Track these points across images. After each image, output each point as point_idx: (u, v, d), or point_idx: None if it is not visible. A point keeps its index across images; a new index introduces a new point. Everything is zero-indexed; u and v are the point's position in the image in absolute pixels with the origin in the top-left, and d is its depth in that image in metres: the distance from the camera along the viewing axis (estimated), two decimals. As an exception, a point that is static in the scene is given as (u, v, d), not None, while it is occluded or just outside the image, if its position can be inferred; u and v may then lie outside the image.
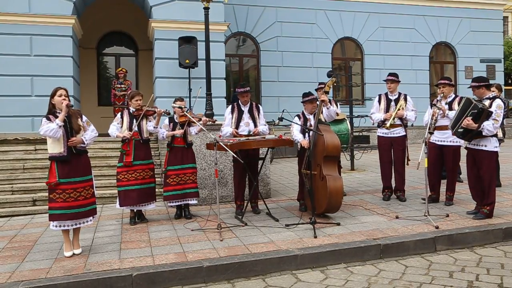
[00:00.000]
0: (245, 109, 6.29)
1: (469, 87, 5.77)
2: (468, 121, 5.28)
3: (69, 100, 4.73)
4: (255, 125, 6.24)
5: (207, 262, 4.34)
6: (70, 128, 4.65)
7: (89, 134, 4.82)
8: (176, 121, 6.21)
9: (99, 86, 14.15)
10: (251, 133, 6.18)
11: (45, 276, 4.13)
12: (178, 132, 6.12)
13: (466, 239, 5.02)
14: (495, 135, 5.47)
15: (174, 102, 6.17)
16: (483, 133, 5.32)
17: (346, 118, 7.17)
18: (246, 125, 6.22)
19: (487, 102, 5.39)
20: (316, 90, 6.82)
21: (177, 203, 6.19)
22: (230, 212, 6.42)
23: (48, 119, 4.61)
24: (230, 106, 6.38)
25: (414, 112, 6.73)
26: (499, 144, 5.63)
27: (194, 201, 6.24)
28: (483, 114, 5.25)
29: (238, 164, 6.08)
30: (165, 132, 6.21)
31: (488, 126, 5.27)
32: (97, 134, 4.96)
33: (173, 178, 6.10)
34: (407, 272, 4.33)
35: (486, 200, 5.54)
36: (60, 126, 4.53)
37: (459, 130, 5.43)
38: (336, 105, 7.43)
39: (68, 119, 4.66)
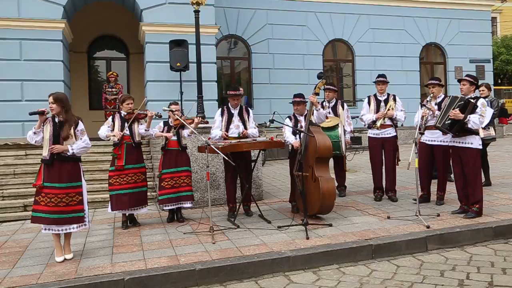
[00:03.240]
0: (235, 111, 6.30)
1: (459, 80, 5.82)
2: (455, 112, 5.40)
3: (62, 106, 4.69)
4: (245, 128, 6.25)
5: (200, 265, 4.34)
6: (58, 135, 4.65)
7: (78, 143, 4.72)
8: (171, 124, 6.21)
9: (90, 90, 14.08)
10: (240, 135, 6.19)
11: (36, 282, 4.11)
12: (168, 134, 6.10)
13: (457, 238, 5.06)
14: (478, 134, 5.58)
15: (169, 106, 6.17)
16: (469, 125, 5.41)
17: (339, 125, 7.03)
18: (236, 128, 6.23)
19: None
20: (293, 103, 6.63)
21: (172, 207, 6.18)
22: (222, 215, 6.42)
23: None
24: (220, 109, 6.40)
25: (403, 112, 6.81)
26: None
27: (188, 205, 6.22)
28: (469, 106, 5.39)
29: (229, 166, 6.08)
30: (156, 131, 6.19)
31: (473, 118, 5.39)
32: (89, 146, 4.83)
33: (167, 181, 6.09)
34: (399, 271, 4.36)
35: (473, 198, 5.59)
36: (35, 133, 4.63)
37: (447, 122, 5.52)
38: (342, 106, 7.42)
39: (60, 125, 4.66)
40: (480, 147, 5.61)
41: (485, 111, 5.46)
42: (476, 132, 5.54)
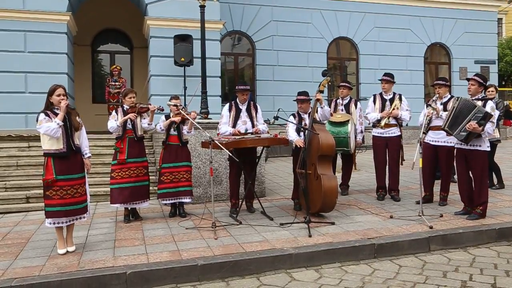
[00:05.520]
0: (243, 107, 6.28)
1: (468, 79, 5.74)
2: (474, 125, 5.25)
3: (67, 99, 4.73)
4: (252, 124, 6.23)
5: (202, 261, 4.34)
6: (70, 126, 4.66)
7: (85, 144, 4.87)
8: (172, 118, 6.20)
9: (93, 84, 14.10)
10: (249, 131, 6.17)
11: (38, 274, 4.11)
12: (175, 118, 6.06)
13: (459, 239, 5.05)
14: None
15: (170, 100, 6.16)
16: (483, 136, 5.39)
17: (349, 121, 6.94)
18: (244, 124, 6.20)
19: (479, 103, 5.44)
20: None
21: (170, 201, 6.19)
22: (225, 211, 6.41)
23: (47, 115, 4.60)
24: (227, 104, 6.36)
25: (409, 112, 6.76)
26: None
27: (187, 200, 6.22)
28: (487, 118, 5.28)
29: (233, 162, 6.07)
30: (161, 123, 6.17)
31: (488, 129, 5.36)
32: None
33: (167, 176, 6.09)
34: (401, 271, 4.35)
35: (478, 200, 5.56)
36: (60, 126, 4.55)
37: (462, 133, 5.38)
38: (356, 105, 7.40)
39: (68, 117, 4.66)
40: (488, 149, 5.57)
41: (494, 116, 5.42)
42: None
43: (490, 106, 5.42)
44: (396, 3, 15.63)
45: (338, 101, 7.51)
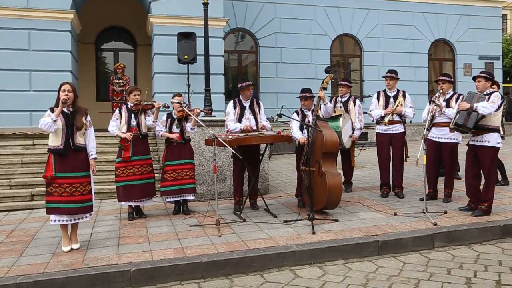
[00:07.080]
0: (247, 104, 6.28)
1: (474, 77, 5.71)
2: (462, 103, 5.32)
3: (76, 96, 4.71)
4: (256, 121, 6.23)
5: (206, 258, 4.35)
6: (72, 124, 4.64)
7: (92, 145, 4.82)
8: (174, 116, 6.21)
9: (97, 81, 14.12)
10: (254, 128, 6.16)
11: (43, 271, 4.13)
12: (174, 136, 6.12)
13: (464, 236, 5.03)
14: (497, 131, 5.47)
15: (172, 98, 6.16)
16: (480, 111, 5.25)
17: (341, 116, 6.99)
18: (247, 120, 6.20)
19: (486, 97, 5.42)
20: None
21: (174, 199, 6.21)
22: (229, 208, 6.42)
23: (52, 110, 4.62)
24: (232, 101, 6.35)
25: (412, 109, 6.75)
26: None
27: (191, 197, 6.24)
28: (474, 96, 5.30)
29: (238, 160, 6.07)
30: (161, 131, 6.21)
31: (481, 104, 5.25)
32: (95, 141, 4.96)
33: (170, 173, 6.10)
34: (405, 268, 4.34)
35: (484, 196, 5.54)
36: (54, 121, 4.52)
37: (459, 120, 5.37)
38: (354, 103, 7.42)
39: (72, 115, 4.66)
40: (498, 145, 5.51)
41: (496, 101, 5.31)
42: (495, 130, 5.43)
43: (494, 94, 5.39)
44: (399, 0, 15.56)
45: (338, 98, 7.56)
